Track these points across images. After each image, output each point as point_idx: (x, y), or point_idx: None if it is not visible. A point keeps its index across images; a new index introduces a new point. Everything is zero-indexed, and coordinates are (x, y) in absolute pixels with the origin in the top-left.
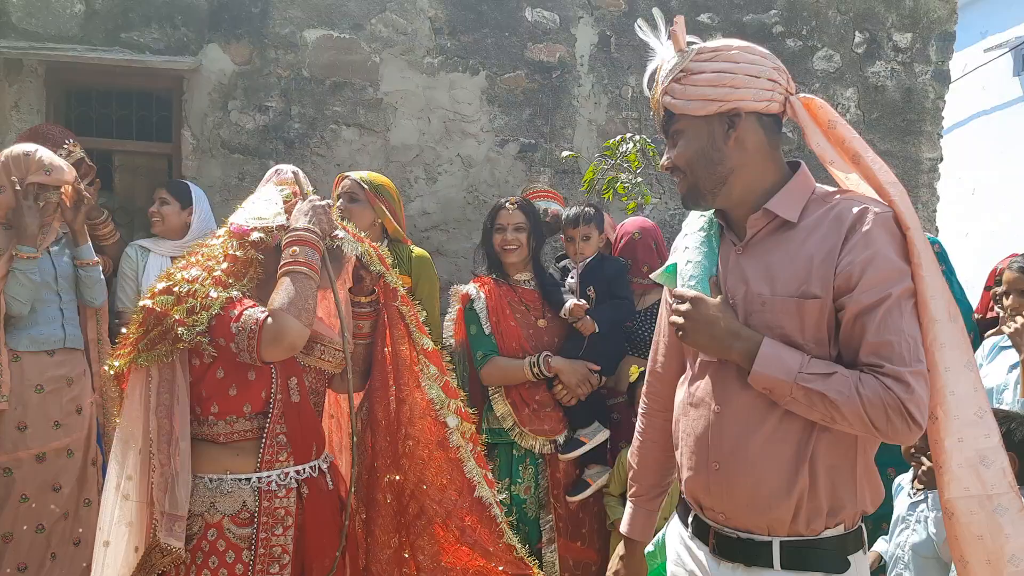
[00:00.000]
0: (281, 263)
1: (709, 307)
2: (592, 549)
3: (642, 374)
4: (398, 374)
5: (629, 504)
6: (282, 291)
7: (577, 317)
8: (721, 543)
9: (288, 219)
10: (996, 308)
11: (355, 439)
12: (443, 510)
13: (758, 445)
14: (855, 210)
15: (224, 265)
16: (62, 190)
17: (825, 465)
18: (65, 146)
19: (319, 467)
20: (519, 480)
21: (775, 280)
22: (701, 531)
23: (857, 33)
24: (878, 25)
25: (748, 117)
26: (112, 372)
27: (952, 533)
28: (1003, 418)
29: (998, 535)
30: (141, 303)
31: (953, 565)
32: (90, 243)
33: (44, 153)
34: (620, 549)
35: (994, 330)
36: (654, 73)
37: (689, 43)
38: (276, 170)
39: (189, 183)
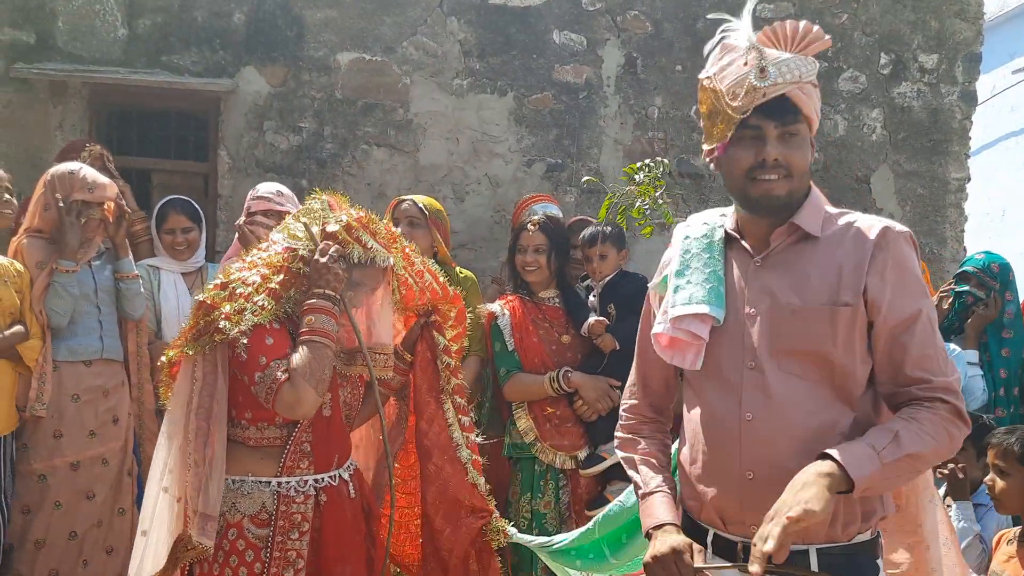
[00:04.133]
0: (300, 331)
1: (813, 513)
2: None
3: None
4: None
5: (649, 497)
6: (302, 358)
7: (597, 334)
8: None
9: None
10: None
11: (388, 450)
12: (423, 451)
13: (794, 451)
14: (879, 227)
15: (280, 278)
16: (105, 206)
17: None
18: (87, 148)
19: (339, 476)
20: (540, 495)
21: (805, 290)
22: (724, 549)
23: (883, 54)
24: (904, 47)
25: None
26: (165, 361)
27: None
28: (1007, 431)
29: None
30: (198, 298)
31: None
32: (131, 257)
33: (88, 171)
34: (656, 536)
35: None
36: (732, 51)
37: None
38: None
39: (190, 200)
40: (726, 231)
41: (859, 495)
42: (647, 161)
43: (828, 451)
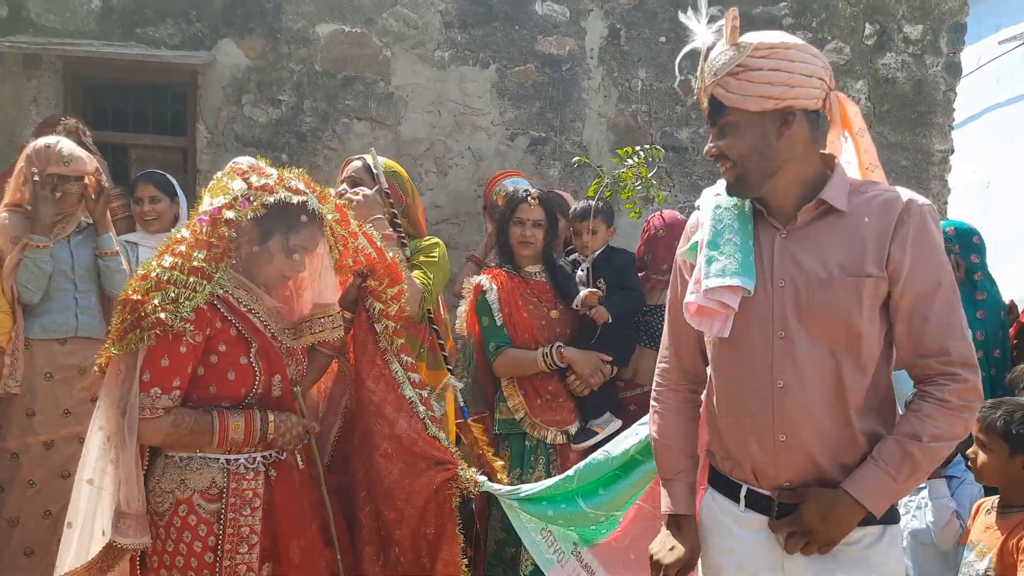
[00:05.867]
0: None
1: (832, 528)
2: None
3: None
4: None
5: (669, 483)
6: (188, 425)
7: (590, 305)
8: (784, 511)
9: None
10: None
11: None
12: (372, 407)
13: (822, 414)
14: (903, 199)
15: (202, 254)
16: (85, 180)
17: (873, 428)
18: (63, 122)
19: (285, 449)
20: (531, 470)
21: (832, 262)
22: (757, 503)
23: (867, 25)
24: (888, 17)
25: (799, 114)
26: (97, 368)
27: None
28: (1023, 416)
29: None
30: (120, 295)
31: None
32: (112, 233)
33: (65, 144)
34: (670, 531)
35: None
36: (694, 60)
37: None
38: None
39: (166, 174)
40: (753, 203)
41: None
42: (641, 147)
43: (848, 490)
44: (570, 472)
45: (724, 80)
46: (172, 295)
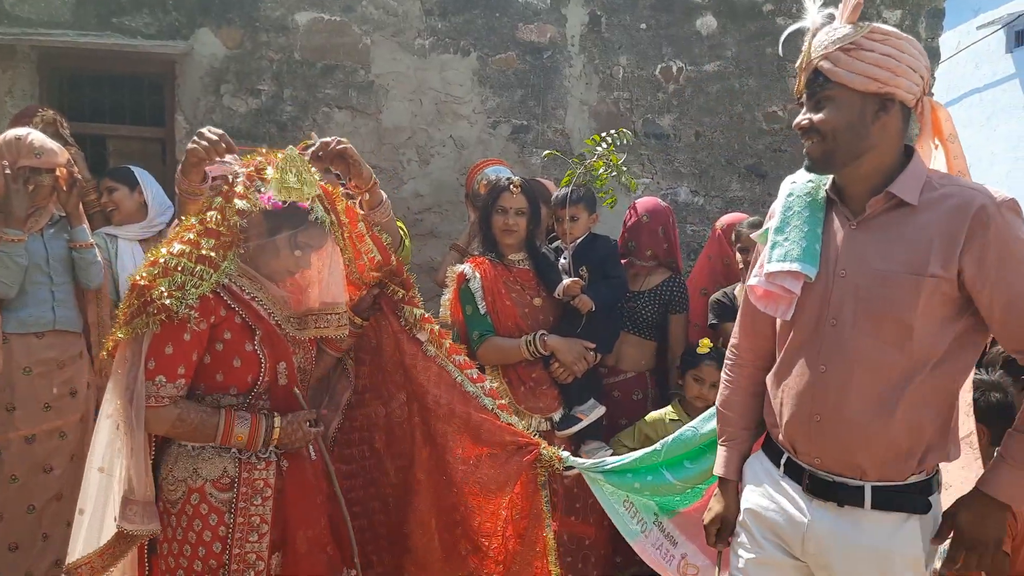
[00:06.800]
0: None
1: (991, 549)
2: (587, 524)
3: (713, 348)
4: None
5: (723, 448)
6: (193, 420)
7: (573, 294)
8: (815, 484)
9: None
10: None
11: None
12: (443, 411)
13: (856, 404)
14: (978, 201)
15: (211, 243)
16: (56, 172)
17: (912, 421)
18: (40, 113)
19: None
20: None
21: (895, 258)
22: (794, 471)
23: None
24: (867, 2)
25: (896, 104)
26: (105, 353)
27: None
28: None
29: None
30: (130, 279)
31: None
32: (86, 225)
33: (36, 137)
34: (716, 492)
35: None
36: (802, 32)
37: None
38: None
39: (130, 166)
40: (827, 192)
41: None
42: (608, 132)
43: (986, 491)
44: (657, 446)
45: (835, 54)
46: (179, 281)
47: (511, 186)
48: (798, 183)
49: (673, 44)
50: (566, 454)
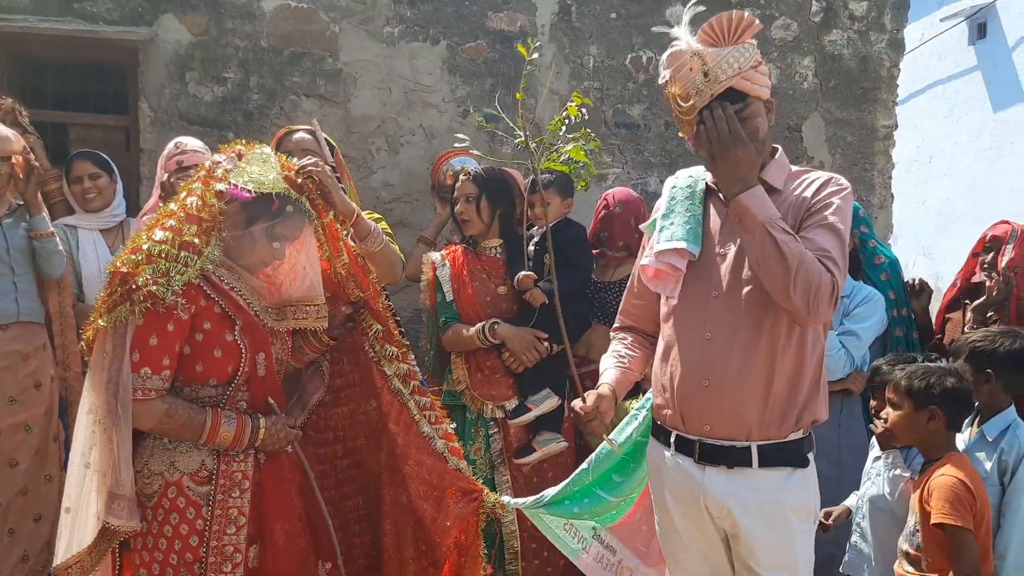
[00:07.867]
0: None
1: (748, 152)
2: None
3: None
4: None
5: (615, 370)
6: (179, 416)
7: (526, 288)
8: (705, 451)
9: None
10: (981, 274)
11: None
12: (399, 451)
13: (740, 365)
14: (825, 177)
15: (192, 228)
16: (12, 160)
17: (788, 378)
18: None
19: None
20: (471, 441)
21: None
22: (684, 446)
23: (814, 2)
24: None
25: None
26: (83, 344)
27: None
28: (924, 372)
29: None
30: (109, 268)
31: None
32: (45, 214)
33: None
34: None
35: (980, 300)
36: (679, 59)
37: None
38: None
39: (96, 151)
40: (707, 183)
41: (732, 209)
42: (574, 135)
43: (761, 188)
44: (584, 465)
45: (749, 73)
46: (163, 268)
47: (461, 174)
48: (679, 178)
49: (643, 34)
50: (507, 499)
